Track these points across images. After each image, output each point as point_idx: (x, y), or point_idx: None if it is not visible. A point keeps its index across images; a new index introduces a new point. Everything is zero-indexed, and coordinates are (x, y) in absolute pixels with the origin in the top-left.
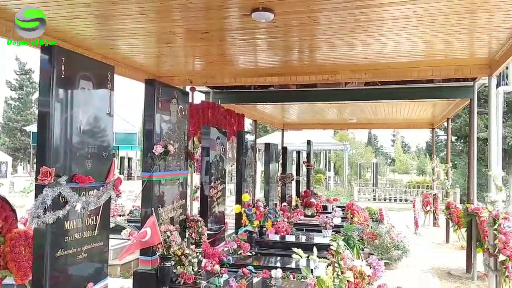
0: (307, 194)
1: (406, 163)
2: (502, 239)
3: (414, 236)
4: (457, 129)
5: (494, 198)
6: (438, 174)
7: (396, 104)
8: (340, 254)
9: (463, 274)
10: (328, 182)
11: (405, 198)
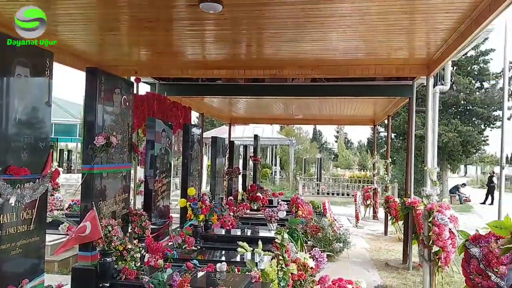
0: (253, 188)
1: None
2: (436, 231)
3: (355, 229)
4: (397, 126)
5: (429, 192)
6: (378, 169)
7: (341, 101)
8: (284, 247)
9: (400, 264)
10: (274, 177)
11: (347, 192)
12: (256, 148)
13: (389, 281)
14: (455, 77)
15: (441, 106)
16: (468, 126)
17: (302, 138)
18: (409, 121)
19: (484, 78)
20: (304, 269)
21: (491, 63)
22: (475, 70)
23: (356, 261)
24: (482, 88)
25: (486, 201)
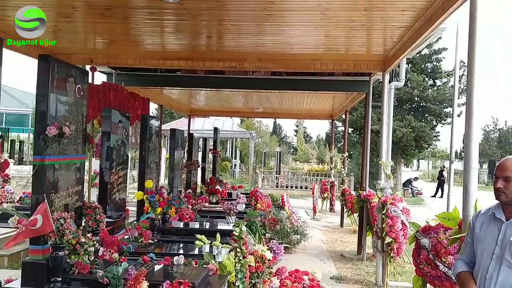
0: (212, 181)
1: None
2: (389, 223)
3: (312, 221)
4: (354, 121)
5: (383, 185)
6: (336, 163)
7: (300, 95)
8: (242, 239)
9: (355, 256)
10: (234, 170)
11: (305, 186)
12: (215, 141)
13: (344, 271)
14: (410, 74)
15: (396, 102)
16: (421, 122)
17: (262, 131)
18: (365, 116)
19: (437, 76)
20: (261, 261)
21: (443, 62)
22: (428, 68)
23: (313, 252)
24: (435, 86)
25: (437, 194)
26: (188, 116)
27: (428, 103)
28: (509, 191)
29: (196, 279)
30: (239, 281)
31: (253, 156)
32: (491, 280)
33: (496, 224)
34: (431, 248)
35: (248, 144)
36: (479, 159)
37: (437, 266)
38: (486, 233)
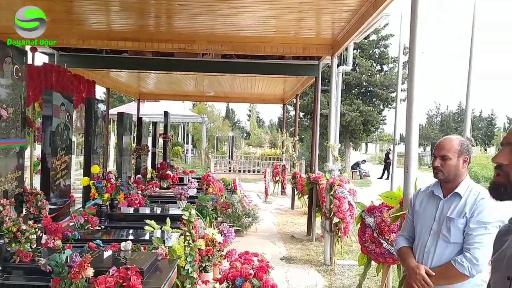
0: (163, 166)
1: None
2: (337, 203)
3: (264, 204)
4: (305, 105)
5: (331, 167)
6: (287, 147)
7: (251, 79)
8: (191, 223)
9: (304, 236)
10: (186, 155)
11: (258, 170)
12: (166, 125)
13: (293, 252)
14: (359, 60)
15: (345, 87)
16: (369, 106)
17: (214, 116)
18: (315, 100)
19: (384, 62)
20: (212, 245)
21: (390, 48)
22: (376, 54)
23: (264, 235)
24: (382, 71)
25: (383, 176)
26: (138, 100)
27: (376, 88)
28: (446, 169)
29: (144, 264)
30: (189, 264)
31: (206, 140)
32: (429, 254)
33: (435, 201)
34: (375, 227)
35: (200, 129)
36: (423, 142)
37: (381, 243)
38: (425, 209)
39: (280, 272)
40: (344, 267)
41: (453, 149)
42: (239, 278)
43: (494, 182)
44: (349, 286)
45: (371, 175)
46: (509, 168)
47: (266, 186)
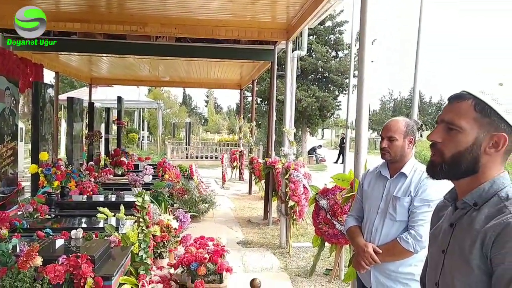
0: (117, 153)
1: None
2: (292, 187)
3: (222, 190)
4: (262, 91)
5: (287, 152)
6: (245, 133)
7: (208, 64)
8: (145, 209)
9: (261, 221)
10: (142, 142)
11: (216, 156)
12: (120, 111)
13: (250, 236)
14: (314, 46)
15: (299, 72)
16: (325, 92)
17: (171, 101)
18: (271, 85)
19: (339, 48)
20: (167, 231)
21: (345, 34)
22: (331, 40)
23: (221, 220)
24: (337, 57)
25: (338, 160)
26: (89, 85)
27: (331, 74)
28: (393, 150)
29: (96, 252)
30: (142, 251)
31: (162, 127)
32: (376, 232)
33: (382, 181)
34: (328, 209)
35: (156, 115)
36: (376, 127)
37: (334, 225)
38: (373, 189)
39: (236, 255)
40: (299, 249)
41: (399, 130)
42: (194, 263)
43: (431, 162)
44: (304, 267)
45: (326, 160)
46: (443, 146)
47: (223, 172)
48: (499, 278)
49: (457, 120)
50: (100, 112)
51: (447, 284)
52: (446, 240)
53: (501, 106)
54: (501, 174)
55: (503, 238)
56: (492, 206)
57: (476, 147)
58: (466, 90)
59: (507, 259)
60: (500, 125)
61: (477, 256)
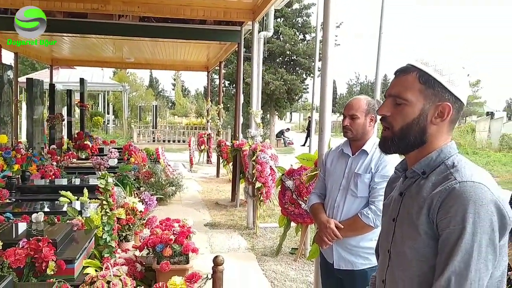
0: (80, 136)
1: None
2: (259, 169)
3: (189, 173)
4: (230, 74)
5: (254, 134)
6: (213, 116)
7: (174, 45)
8: (108, 191)
9: (229, 203)
10: (107, 125)
11: (183, 139)
12: (83, 94)
13: (218, 218)
14: (282, 28)
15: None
16: (293, 75)
17: (137, 84)
18: (237, 67)
19: (307, 31)
20: (133, 213)
21: (312, 17)
22: (299, 23)
23: (188, 203)
24: (305, 40)
25: (306, 143)
26: (50, 66)
27: (299, 57)
28: (354, 128)
29: (58, 235)
30: (106, 233)
31: (128, 110)
32: (338, 208)
33: (344, 159)
34: (294, 189)
35: (122, 98)
36: (342, 110)
37: (299, 204)
38: (335, 167)
39: (203, 237)
40: (266, 229)
41: (361, 108)
42: (160, 244)
43: (382, 137)
44: (271, 247)
45: (294, 142)
46: (392, 119)
47: (191, 155)
48: (445, 242)
49: (403, 93)
50: (62, 94)
51: (397, 251)
52: (396, 208)
53: (444, 76)
54: (447, 143)
55: (448, 203)
56: (439, 174)
57: (423, 118)
58: (411, 62)
59: (452, 223)
60: (444, 95)
61: (424, 221)
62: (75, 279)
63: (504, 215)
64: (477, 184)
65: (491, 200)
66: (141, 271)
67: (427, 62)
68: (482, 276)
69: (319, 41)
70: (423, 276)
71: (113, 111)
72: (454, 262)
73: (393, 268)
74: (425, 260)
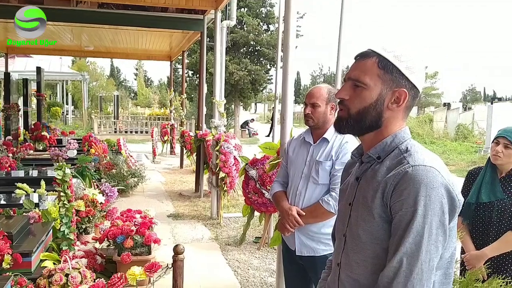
0: (37, 127)
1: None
2: (222, 159)
3: (152, 164)
4: (194, 64)
5: (217, 123)
6: (176, 106)
7: (135, 33)
8: (66, 182)
9: (193, 194)
10: (66, 116)
11: (146, 130)
12: (39, 83)
13: (181, 209)
14: (246, 18)
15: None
16: (257, 66)
17: (97, 74)
18: (200, 56)
19: (270, 21)
20: (92, 205)
21: (276, 7)
22: (263, 13)
23: (151, 194)
24: (269, 30)
25: (270, 133)
26: (5, 54)
27: (263, 47)
28: (315, 116)
29: (14, 228)
30: (65, 226)
31: (88, 100)
32: (300, 196)
33: (306, 147)
34: (258, 178)
35: (81, 88)
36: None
37: (263, 194)
38: (297, 155)
39: (166, 228)
40: (230, 219)
41: (322, 97)
42: (120, 236)
43: (338, 117)
44: (234, 237)
45: (259, 133)
46: (349, 102)
47: (153, 146)
48: (397, 224)
49: (362, 77)
50: (18, 84)
51: (353, 235)
52: (352, 193)
53: (403, 62)
54: (402, 128)
55: (401, 186)
56: (393, 158)
57: (380, 103)
58: (371, 48)
59: (404, 205)
60: (401, 81)
61: (378, 205)
62: (32, 273)
63: (454, 198)
64: (429, 168)
65: (441, 183)
66: (101, 264)
67: (387, 48)
68: (433, 257)
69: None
70: (376, 258)
71: (72, 101)
72: (406, 244)
73: (348, 251)
74: (379, 243)
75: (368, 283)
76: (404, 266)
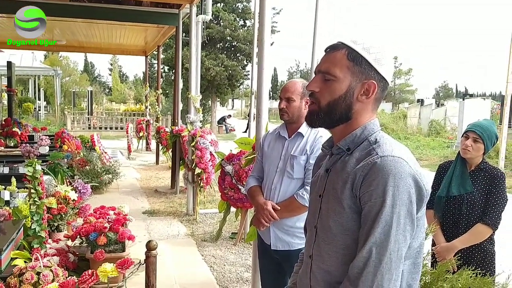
0: (8, 123)
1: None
2: (198, 154)
3: (128, 161)
4: (169, 59)
5: (193, 119)
6: (152, 102)
7: (109, 27)
8: (37, 179)
9: (168, 190)
10: (39, 112)
11: (121, 126)
12: (10, 78)
13: (157, 206)
14: (222, 14)
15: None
16: (233, 61)
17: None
18: (176, 50)
19: (247, 17)
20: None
21: (252, 3)
22: (239, 8)
23: (126, 190)
24: (245, 26)
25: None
26: None
27: (239, 43)
28: (290, 110)
29: None
30: (36, 223)
31: (61, 96)
32: (275, 190)
33: (281, 142)
34: (234, 174)
35: (54, 83)
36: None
37: (239, 189)
38: (272, 150)
39: (141, 225)
40: (206, 215)
41: (297, 91)
42: (93, 233)
43: (309, 111)
44: (210, 233)
45: (236, 129)
46: (319, 95)
47: (129, 143)
48: (367, 214)
49: (332, 69)
50: None
51: (323, 226)
52: (322, 185)
53: (371, 55)
54: (371, 120)
55: (370, 177)
56: (363, 150)
57: (350, 95)
58: (341, 40)
59: (373, 196)
60: (371, 73)
61: (348, 196)
62: (2, 271)
63: (421, 188)
64: (397, 159)
65: (409, 174)
66: (74, 261)
67: (356, 40)
68: (401, 246)
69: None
70: (347, 248)
71: (44, 97)
72: (375, 234)
73: (320, 243)
74: (349, 234)
75: (339, 274)
76: (373, 256)
